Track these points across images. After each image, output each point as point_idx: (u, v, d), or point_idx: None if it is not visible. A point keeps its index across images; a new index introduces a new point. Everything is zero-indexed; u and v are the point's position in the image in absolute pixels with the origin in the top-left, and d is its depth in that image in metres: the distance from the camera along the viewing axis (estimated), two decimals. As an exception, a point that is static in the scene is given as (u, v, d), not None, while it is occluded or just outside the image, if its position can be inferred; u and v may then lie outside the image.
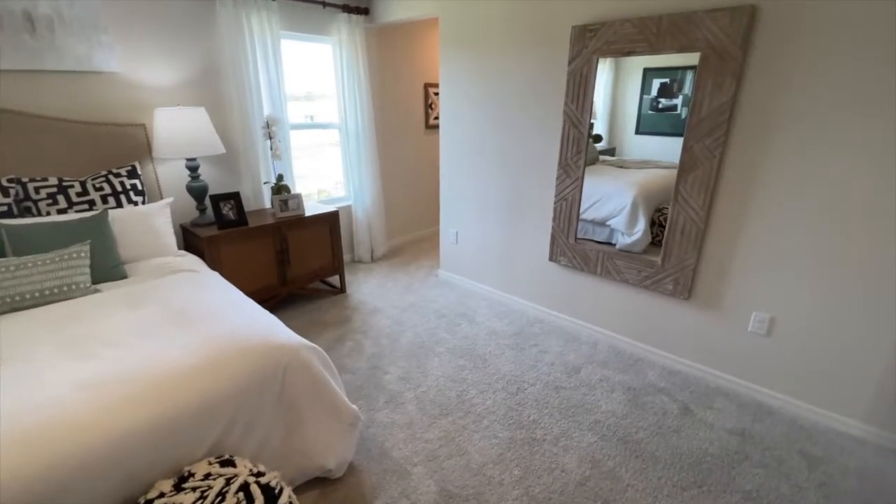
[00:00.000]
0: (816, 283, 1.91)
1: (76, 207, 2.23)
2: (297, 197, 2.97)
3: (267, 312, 1.85)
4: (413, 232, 4.61)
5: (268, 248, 2.84)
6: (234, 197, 2.70)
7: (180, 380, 1.34)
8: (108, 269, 2.03)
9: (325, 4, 3.20)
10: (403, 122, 4.19)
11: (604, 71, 2.38)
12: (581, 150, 2.47)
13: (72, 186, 2.23)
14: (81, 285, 1.86)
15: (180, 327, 1.58)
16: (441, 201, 3.47)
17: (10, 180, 2.10)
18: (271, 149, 2.91)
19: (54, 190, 2.19)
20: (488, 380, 2.29)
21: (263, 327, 1.63)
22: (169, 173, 2.74)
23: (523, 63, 2.63)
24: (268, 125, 2.85)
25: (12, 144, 2.17)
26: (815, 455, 1.83)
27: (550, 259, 2.79)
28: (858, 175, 1.74)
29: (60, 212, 2.19)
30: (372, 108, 3.68)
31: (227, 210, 2.68)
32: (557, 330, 2.79)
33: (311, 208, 3.17)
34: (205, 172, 2.89)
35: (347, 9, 3.33)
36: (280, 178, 3.00)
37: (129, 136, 2.52)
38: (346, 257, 3.98)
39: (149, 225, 2.27)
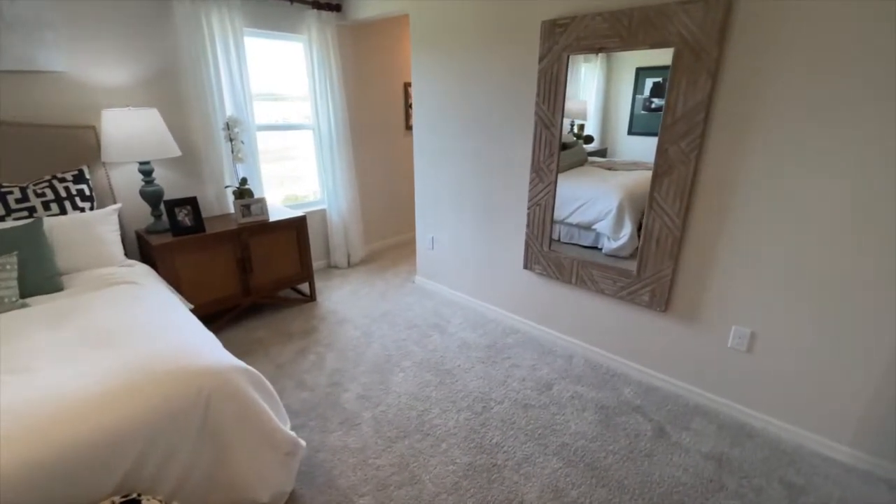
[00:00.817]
0: (798, 296, 1.77)
1: (14, 215, 2.10)
2: (261, 201, 2.83)
3: (205, 331, 1.71)
4: (393, 236, 4.48)
5: (228, 255, 2.70)
6: (191, 202, 2.57)
7: (82, 411, 1.20)
8: (41, 281, 1.89)
9: (292, 0, 3.07)
10: (382, 123, 4.05)
11: (595, 70, 2.25)
12: (553, 152, 2.33)
13: (10, 193, 2.10)
14: (6, 300, 1.72)
15: (99, 349, 1.45)
16: (416, 205, 3.33)
17: (-62, 187, 1.97)
18: (232, 151, 2.77)
19: (-10, 196, 2.06)
20: (453, 397, 2.16)
21: (192, 349, 1.49)
22: (123, 177, 2.61)
23: (494, 61, 2.49)
24: (228, 127, 2.72)
25: (-58, 148, 2.03)
26: (797, 484, 1.69)
27: (525, 267, 2.65)
28: (841, 186, 1.60)
29: (-3, 220, 2.06)
30: (346, 108, 3.55)
31: (183, 216, 2.55)
32: (532, 342, 2.66)
33: (279, 213, 3.03)
34: (165, 176, 2.76)
35: (317, 5, 3.19)
36: (243, 181, 2.86)
37: (77, 138, 2.39)
38: (321, 263, 3.85)
39: (91, 233, 2.14)
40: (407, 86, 4.15)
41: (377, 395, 2.17)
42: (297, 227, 3.00)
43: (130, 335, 1.52)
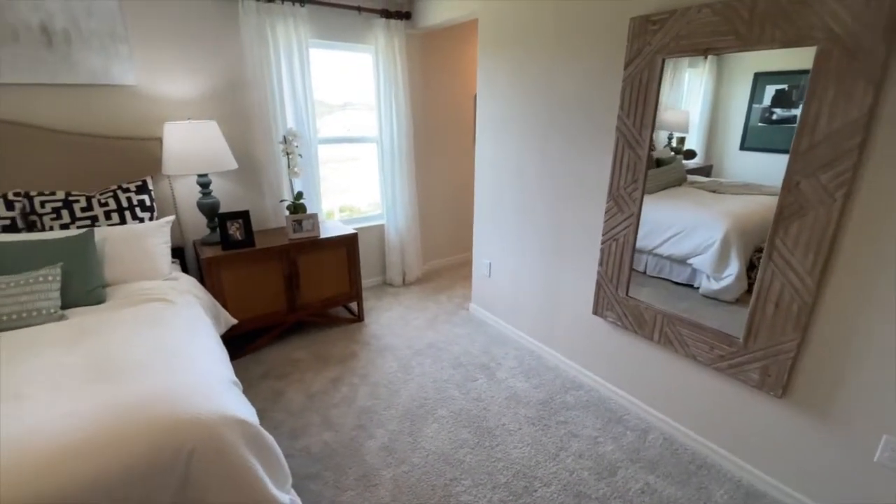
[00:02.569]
0: None
1: (78, 223, 2.17)
2: (313, 217, 2.73)
3: (219, 364, 1.57)
4: (454, 255, 4.21)
5: (276, 271, 2.63)
6: (243, 216, 2.52)
7: (57, 458, 1.08)
8: (84, 292, 1.90)
9: (360, 10, 2.96)
10: (448, 137, 3.82)
11: (701, 76, 1.81)
12: (638, 177, 1.89)
13: (77, 201, 2.18)
14: (45, 311, 1.73)
15: (97, 383, 1.35)
16: (475, 226, 3.03)
17: (16, 194, 2.09)
18: (288, 166, 2.70)
19: (60, 204, 2.15)
20: (491, 468, 1.81)
21: (187, 392, 1.33)
22: (186, 188, 2.65)
23: (567, 69, 2.12)
24: (285, 140, 2.65)
25: (24, 157, 2.16)
26: None
27: (595, 312, 2.22)
28: None
29: (63, 227, 2.14)
30: (411, 121, 3.37)
31: (234, 230, 2.51)
32: (598, 404, 2.20)
33: (332, 228, 2.91)
34: (224, 188, 2.78)
35: (387, 14, 3.05)
36: (298, 196, 2.79)
37: (145, 150, 2.46)
38: (377, 280, 3.70)
39: (140, 245, 2.15)
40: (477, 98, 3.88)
41: (403, 449, 1.90)
42: (347, 245, 2.86)
43: (133, 369, 1.41)
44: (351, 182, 3.60)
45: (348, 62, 3.24)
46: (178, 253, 2.65)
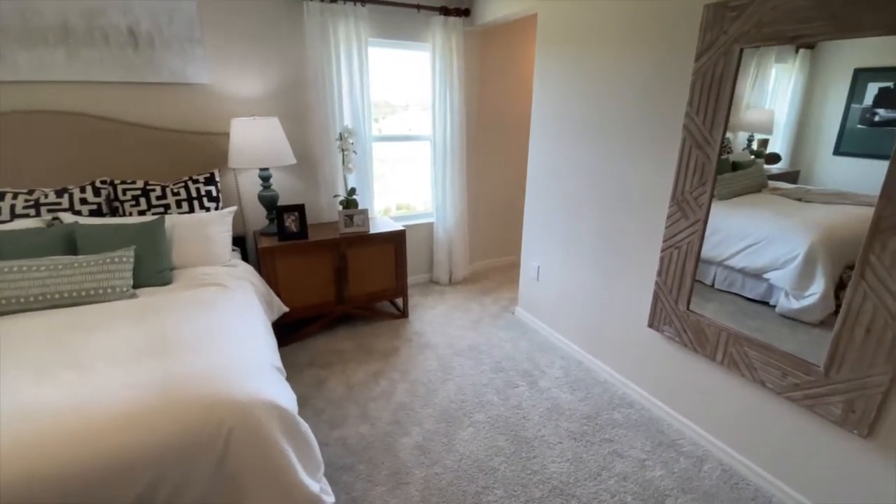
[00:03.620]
0: None
1: (153, 210, 2.37)
2: (363, 213, 2.78)
3: (265, 349, 1.64)
4: (501, 256, 4.12)
5: (326, 263, 2.71)
6: (299, 209, 2.62)
7: (103, 427, 1.17)
8: (154, 273, 2.07)
9: (419, 7, 2.97)
10: (504, 136, 3.75)
11: (791, 72, 1.62)
12: (706, 181, 1.73)
13: (153, 190, 2.38)
14: (118, 289, 1.90)
15: (153, 357, 1.45)
16: (524, 227, 2.94)
17: (102, 181, 2.31)
18: (343, 162, 2.78)
19: (138, 192, 2.35)
20: (525, 480, 1.73)
21: (229, 373, 1.39)
22: (249, 181, 2.81)
23: (632, 63, 1.98)
24: (341, 137, 2.72)
25: (110, 149, 2.39)
26: None
27: (651, 325, 2.06)
28: None
29: (140, 213, 2.35)
30: (464, 119, 3.34)
31: (290, 222, 2.62)
32: (648, 424, 2.04)
33: (381, 225, 2.96)
34: (284, 182, 2.91)
35: (445, 11, 3.04)
36: (351, 192, 2.85)
37: (213, 144, 2.63)
38: (423, 277, 3.71)
39: (204, 233, 2.29)
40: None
41: (437, 450, 1.87)
42: (395, 242, 2.89)
43: (184, 347, 1.50)
44: (408, 182, 3.63)
45: (404, 61, 3.27)
46: (239, 241, 2.82)
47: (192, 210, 2.44)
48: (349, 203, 2.83)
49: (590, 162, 2.30)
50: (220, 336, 1.60)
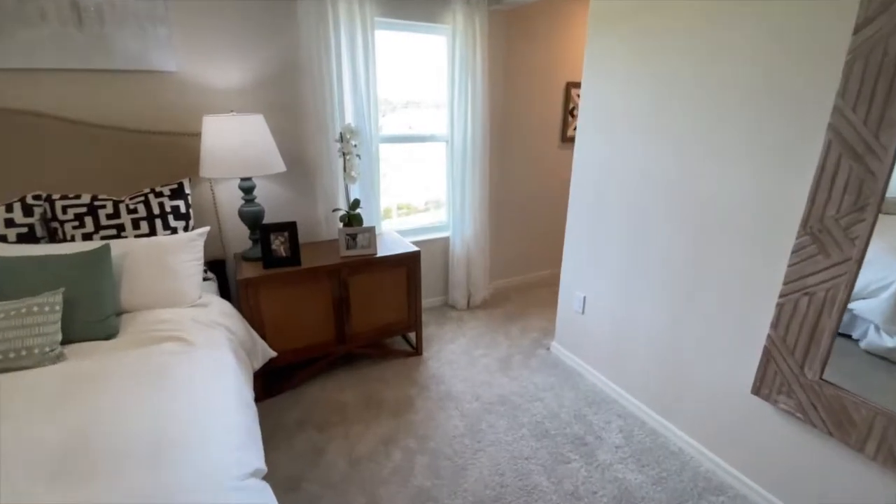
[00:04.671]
0: None
1: (103, 232, 1.85)
2: (370, 231, 2.26)
3: (236, 449, 1.13)
4: (527, 273, 3.60)
5: (324, 295, 2.19)
6: (289, 228, 2.11)
7: None
8: (93, 322, 1.55)
9: (436, -20, 2.44)
10: (531, 133, 3.22)
11: None
12: (867, 204, 1.20)
13: (103, 207, 1.86)
14: (38, 350, 1.38)
15: (62, 480, 0.94)
16: (566, 248, 2.42)
17: (36, 197, 1.80)
18: (344, 169, 2.25)
19: (83, 210, 1.84)
20: None
21: (181, 499, 0.88)
22: (230, 192, 2.29)
23: (738, 37, 1.45)
24: (342, 138, 2.20)
25: (47, 155, 1.88)
26: None
27: (757, 392, 1.54)
28: None
29: (85, 237, 1.83)
30: (488, 116, 2.81)
31: (279, 244, 2.10)
32: (753, 523, 1.53)
33: (390, 243, 2.44)
34: (272, 193, 2.39)
35: (468, -15, 2.52)
36: (354, 205, 2.34)
37: (183, 147, 2.12)
38: (438, 300, 3.19)
39: (165, 263, 1.78)
40: (570, 86, 3.24)
41: (476, 574, 1.36)
42: (408, 265, 2.37)
43: (112, 460, 0.99)
44: (417, 183, 3.10)
45: (418, 48, 2.74)
46: (218, 267, 2.31)
47: (152, 232, 1.93)
48: (352, 219, 2.32)
49: (664, 171, 1.77)
50: (170, 437, 1.08)
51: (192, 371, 1.38)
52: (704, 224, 1.65)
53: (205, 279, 2.11)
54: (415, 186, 3.09)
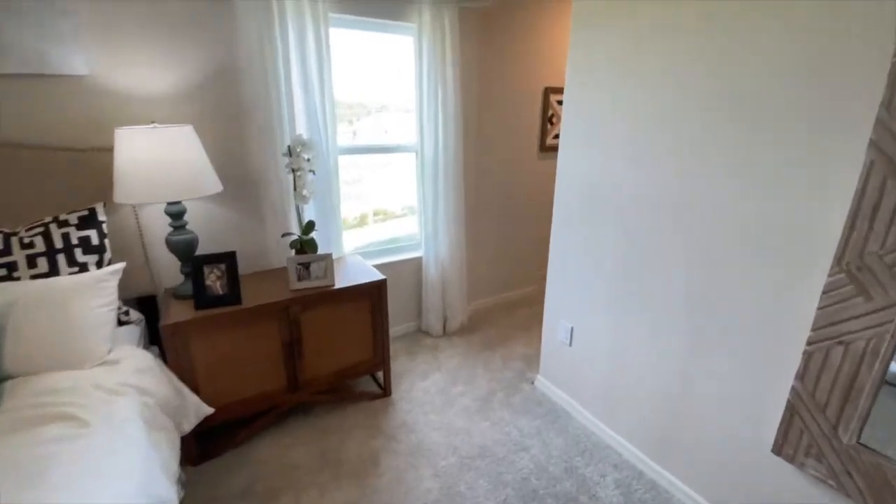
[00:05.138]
0: None
1: (-14, 274, 1.49)
2: (325, 259, 1.95)
3: None
4: (508, 291, 3.35)
5: (270, 337, 1.87)
6: (227, 259, 1.79)
7: None
8: (-44, 396, 1.20)
9: (399, -27, 2.17)
10: (508, 142, 2.97)
11: None
12: (919, 239, 0.98)
13: (-13, 242, 1.50)
14: None
15: None
16: (549, 273, 2.17)
17: None
18: (294, 188, 1.94)
19: (-40, 247, 1.48)
20: None
21: None
22: (158, 216, 1.94)
23: (760, 35, 1.22)
24: (290, 152, 1.89)
25: None
26: None
27: (779, 452, 1.31)
28: None
29: (-36, 280, 1.47)
30: (461, 124, 2.55)
31: (214, 279, 1.77)
32: None
33: (353, 271, 2.13)
34: (210, 216, 2.05)
35: (434, -20, 2.25)
36: (308, 227, 2.03)
37: (98, 165, 1.77)
38: (409, 326, 2.90)
39: (64, 312, 1.43)
40: (549, 92, 3.01)
41: None
42: (372, 296, 2.07)
43: None
44: (392, 191, 2.81)
45: (381, 47, 2.46)
46: (149, 304, 1.96)
47: (53, 271, 1.57)
48: (305, 245, 2.01)
49: (663, 186, 1.54)
50: None
51: (79, 466, 1.05)
52: (715, 254, 1.42)
53: (125, 323, 1.76)
54: (391, 191, 2.79)
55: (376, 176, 2.71)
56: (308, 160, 1.97)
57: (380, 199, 2.77)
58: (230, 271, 1.79)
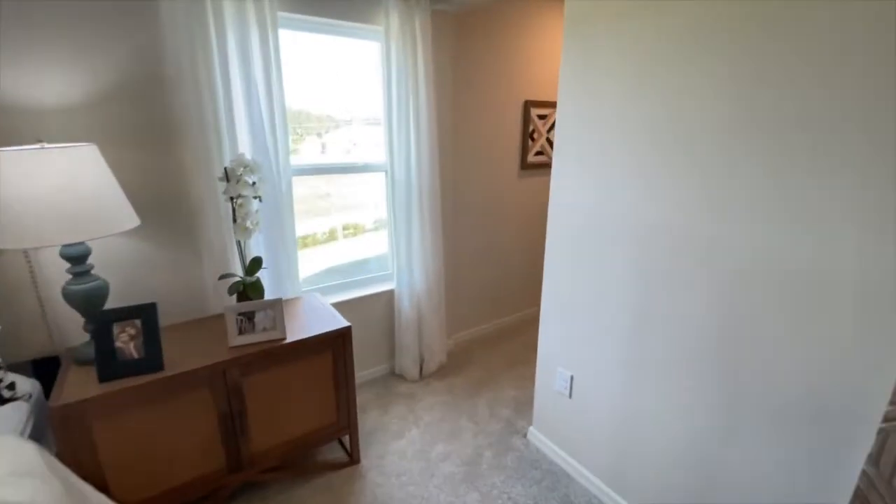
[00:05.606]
0: None
1: None
2: (274, 307, 1.59)
3: None
4: (491, 320, 3.06)
5: (203, 409, 1.49)
6: (144, 313, 1.40)
7: None
8: None
9: (361, -32, 1.87)
10: (487, 160, 2.71)
11: None
12: None
13: None
14: None
15: None
16: (543, 313, 1.88)
17: None
18: (234, 219, 1.59)
19: None
20: None
21: None
22: (56, 258, 1.54)
23: (811, 39, 0.98)
24: (227, 176, 1.54)
25: None
26: None
27: (839, 546, 1.04)
28: None
29: None
30: (436, 140, 2.26)
31: (126, 340, 1.39)
32: None
33: (309, 317, 1.78)
34: (128, 256, 1.66)
35: (402, -22, 1.97)
36: (254, 266, 1.67)
37: (-32, 197, 1.35)
38: (381, 369, 2.55)
39: None
40: (529, 105, 2.77)
41: None
42: (334, 348, 1.72)
43: None
44: (363, 204, 2.47)
45: (345, 53, 2.14)
46: (46, 368, 1.54)
47: None
48: (248, 289, 1.64)
49: (687, 221, 1.28)
50: None
51: None
52: (753, 304, 1.16)
53: (7, 400, 1.35)
54: (362, 205, 2.44)
55: (347, 190, 2.37)
56: (253, 184, 1.62)
57: (349, 214, 2.43)
58: (148, 328, 1.41)
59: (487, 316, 3.03)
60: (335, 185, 2.32)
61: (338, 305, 2.21)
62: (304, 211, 2.18)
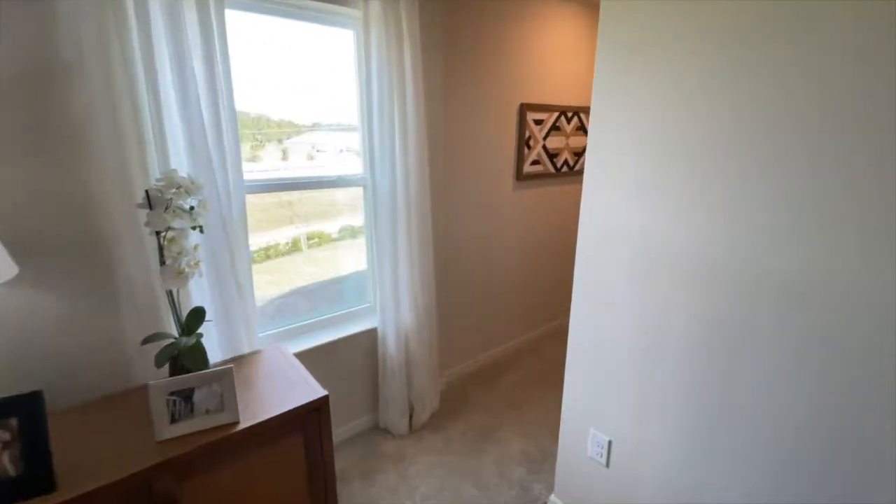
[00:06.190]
0: None
1: None
2: (221, 381, 1.15)
3: None
4: (487, 350, 2.71)
5: (121, 533, 1.04)
6: (24, 409, 0.95)
7: None
8: None
9: (331, -67, 1.48)
10: (480, 170, 2.36)
11: None
12: None
13: None
14: None
15: None
16: (569, 360, 1.52)
17: None
18: (162, 259, 1.15)
19: None
20: None
21: None
22: None
23: None
24: (149, 200, 1.10)
25: None
26: None
27: None
28: None
29: None
30: (425, 147, 1.89)
31: (-9, 453, 0.92)
32: None
33: (272, 384, 1.35)
34: (14, 314, 1.18)
35: (383, -50, 1.59)
36: (194, 320, 1.23)
37: None
38: (364, 423, 2.13)
39: None
40: (525, 110, 2.44)
41: None
42: (305, 429, 1.29)
43: None
44: (328, 210, 2.05)
45: (304, 42, 1.73)
46: None
47: None
48: (183, 357, 1.20)
49: (767, 252, 0.96)
50: None
51: None
52: (855, 351, 0.85)
53: None
54: (331, 212, 2.02)
55: (312, 197, 1.93)
56: (191, 210, 1.19)
57: (315, 222, 1.99)
58: (30, 430, 0.95)
59: (482, 346, 2.67)
60: (298, 193, 1.88)
61: (309, 354, 1.78)
62: (264, 220, 1.75)
